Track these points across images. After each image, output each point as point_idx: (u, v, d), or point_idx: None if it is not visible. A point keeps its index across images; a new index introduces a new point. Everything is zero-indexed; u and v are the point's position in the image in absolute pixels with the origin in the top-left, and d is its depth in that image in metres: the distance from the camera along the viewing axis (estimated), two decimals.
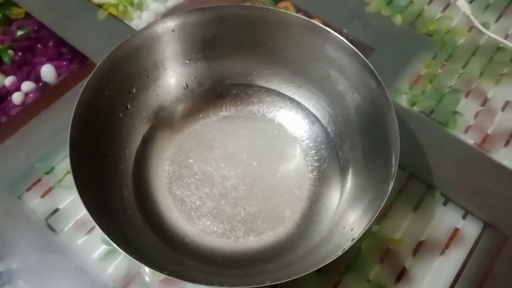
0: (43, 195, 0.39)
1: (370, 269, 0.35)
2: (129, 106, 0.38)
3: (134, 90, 0.38)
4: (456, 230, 0.37)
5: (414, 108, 0.43)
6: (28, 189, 0.39)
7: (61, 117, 0.42)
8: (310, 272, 0.28)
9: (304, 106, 0.40)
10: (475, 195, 0.38)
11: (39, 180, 0.39)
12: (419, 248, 0.36)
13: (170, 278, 0.34)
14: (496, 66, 0.46)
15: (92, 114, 0.34)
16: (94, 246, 0.36)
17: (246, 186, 0.37)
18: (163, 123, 0.39)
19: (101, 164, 0.35)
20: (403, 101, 0.43)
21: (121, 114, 0.37)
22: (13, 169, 0.40)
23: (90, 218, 0.37)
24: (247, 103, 0.41)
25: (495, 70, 0.45)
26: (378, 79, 0.34)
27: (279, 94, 0.41)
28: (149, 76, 0.38)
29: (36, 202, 0.38)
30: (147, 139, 0.38)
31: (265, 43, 0.39)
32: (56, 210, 0.38)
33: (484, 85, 0.45)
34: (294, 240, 0.35)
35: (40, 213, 0.38)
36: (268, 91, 0.41)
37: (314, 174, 0.38)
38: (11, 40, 0.47)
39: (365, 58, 0.35)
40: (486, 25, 0.48)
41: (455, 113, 0.43)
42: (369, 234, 0.37)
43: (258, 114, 0.41)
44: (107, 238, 0.28)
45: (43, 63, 0.46)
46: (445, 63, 0.46)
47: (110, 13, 0.49)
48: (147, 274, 0.35)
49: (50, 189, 0.39)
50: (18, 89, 0.44)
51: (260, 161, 0.38)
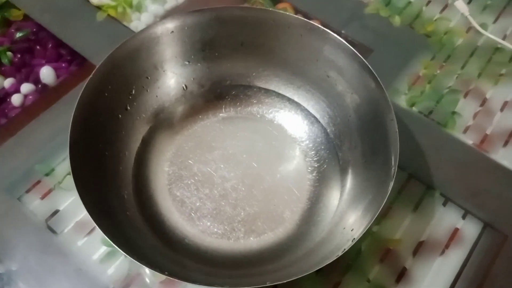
0: (43, 197, 0.39)
1: (370, 269, 0.35)
2: (128, 108, 0.38)
3: (133, 92, 0.38)
4: (456, 230, 0.37)
5: (413, 108, 0.43)
6: (27, 190, 0.39)
7: (60, 118, 0.42)
8: (310, 272, 0.28)
9: (303, 107, 0.40)
10: (475, 195, 0.39)
11: (39, 181, 0.39)
12: (419, 248, 0.36)
13: (170, 279, 0.34)
14: (494, 66, 0.46)
15: (91, 115, 0.35)
16: (94, 247, 0.36)
17: (246, 187, 0.37)
18: (163, 124, 0.39)
19: (100, 165, 0.35)
20: (402, 101, 0.43)
21: (120, 115, 0.37)
22: (12, 170, 0.40)
23: (90, 219, 0.37)
24: (247, 104, 0.41)
25: (494, 71, 0.46)
26: (377, 80, 0.34)
27: (278, 95, 0.41)
28: (148, 77, 0.38)
29: (36, 204, 0.38)
30: (147, 140, 0.38)
31: (264, 44, 0.39)
32: (56, 211, 0.38)
33: (482, 85, 0.45)
34: (294, 240, 0.35)
35: (40, 214, 0.38)
36: (267, 92, 0.41)
37: (314, 174, 0.38)
38: (10, 42, 0.47)
39: (364, 59, 0.35)
40: (484, 25, 0.48)
41: (454, 113, 0.43)
42: (369, 234, 0.37)
43: (258, 115, 0.41)
44: (108, 239, 0.28)
45: (42, 65, 0.46)
46: (443, 64, 0.46)
47: (109, 14, 0.49)
48: (148, 275, 0.35)
49: (50, 190, 0.39)
50: (18, 91, 0.44)
51: (259, 162, 0.38)
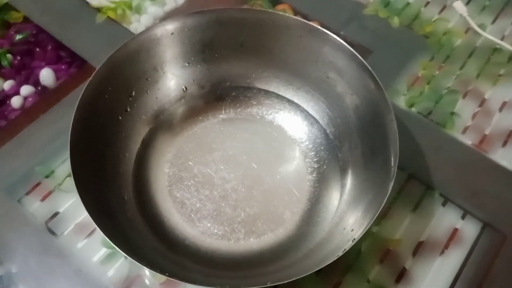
0: (43, 199, 0.39)
1: (370, 269, 0.36)
2: (128, 109, 0.38)
3: (133, 93, 0.38)
4: (455, 230, 0.37)
5: (412, 109, 0.43)
6: (27, 193, 0.39)
7: (60, 120, 0.42)
8: (311, 272, 0.28)
9: (303, 108, 0.40)
10: (474, 195, 0.39)
11: (39, 183, 0.39)
12: (419, 248, 0.37)
13: (170, 281, 0.35)
14: (493, 67, 0.46)
15: (92, 116, 0.35)
16: (94, 249, 0.36)
17: (246, 188, 0.37)
18: (163, 126, 0.40)
19: (101, 166, 0.35)
20: (401, 102, 0.44)
21: (120, 117, 0.37)
22: (12, 172, 0.40)
23: (90, 221, 0.37)
24: (246, 106, 0.41)
25: (492, 71, 0.46)
26: (377, 80, 0.34)
27: (278, 96, 0.41)
28: (148, 79, 0.39)
29: (35, 206, 0.38)
30: (147, 142, 0.38)
31: (263, 46, 0.39)
32: (56, 213, 0.38)
33: (481, 86, 0.45)
34: (295, 241, 0.35)
35: (40, 216, 0.38)
36: (267, 93, 0.41)
37: (314, 175, 0.38)
38: (10, 44, 0.47)
39: (363, 59, 0.35)
40: (482, 26, 0.49)
41: (453, 114, 0.43)
42: (369, 235, 0.37)
43: (257, 116, 0.41)
44: (108, 240, 0.28)
45: (42, 67, 0.46)
46: (442, 65, 0.46)
47: (108, 16, 0.49)
48: (148, 277, 0.35)
49: (50, 192, 0.39)
50: (17, 93, 0.44)
51: (259, 163, 0.39)
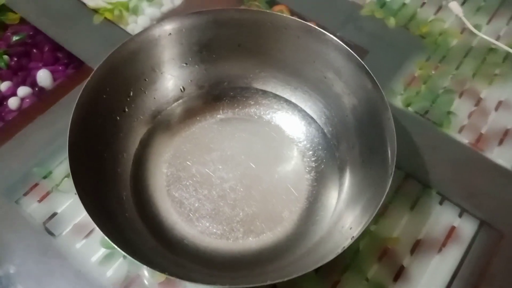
0: (41, 200, 0.38)
1: (368, 268, 0.36)
2: (126, 109, 0.38)
3: (131, 94, 0.38)
4: (452, 229, 0.38)
5: (409, 108, 0.44)
6: (25, 193, 0.39)
7: (57, 121, 0.42)
8: (310, 270, 0.28)
9: (300, 107, 0.41)
10: (471, 194, 0.39)
11: (37, 184, 0.39)
12: (417, 246, 0.37)
13: (169, 281, 0.35)
14: (488, 67, 0.46)
15: (90, 117, 0.35)
16: (93, 249, 0.36)
17: (244, 187, 0.37)
18: (161, 126, 0.40)
19: (99, 167, 0.35)
20: (398, 102, 0.44)
21: (118, 117, 0.37)
22: (9, 174, 0.40)
23: (89, 221, 0.37)
24: (244, 106, 0.41)
25: (488, 71, 0.46)
26: (374, 80, 0.34)
27: (276, 96, 0.41)
28: (146, 79, 0.39)
29: (33, 207, 0.38)
30: (145, 142, 0.39)
31: (261, 46, 0.40)
32: (54, 214, 0.38)
33: (477, 85, 0.45)
34: (293, 240, 0.35)
35: (38, 217, 0.37)
36: (264, 94, 0.41)
37: (312, 174, 0.38)
38: (7, 45, 0.47)
39: (360, 59, 0.36)
40: (478, 26, 0.49)
41: (450, 113, 0.43)
42: (367, 233, 0.37)
43: (255, 116, 0.41)
44: (108, 239, 0.28)
45: (39, 68, 0.46)
46: (438, 65, 0.47)
47: (105, 18, 0.49)
48: (146, 277, 0.35)
49: (48, 193, 0.39)
50: (14, 94, 0.44)
51: (258, 162, 0.39)
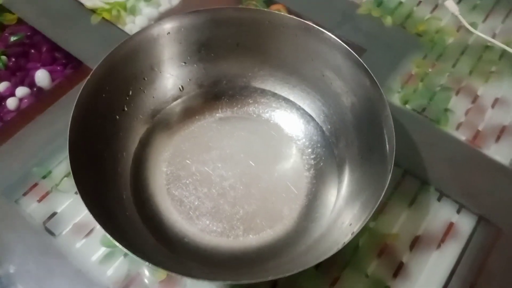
0: (40, 199, 0.38)
1: (368, 264, 0.36)
2: (126, 109, 0.38)
3: (130, 93, 0.38)
4: (451, 225, 0.38)
5: (407, 106, 0.44)
6: (24, 193, 0.39)
7: (57, 121, 0.42)
8: (311, 266, 0.28)
9: (299, 106, 0.41)
10: (469, 190, 0.39)
11: (36, 184, 0.39)
12: (416, 242, 0.37)
13: (169, 279, 0.35)
14: (484, 64, 0.47)
15: (90, 116, 0.35)
16: (93, 249, 0.36)
17: (244, 185, 0.37)
18: (160, 125, 0.40)
19: (99, 166, 0.35)
20: (396, 99, 0.44)
21: (118, 117, 0.37)
22: (9, 174, 0.40)
23: (89, 221, 0.37)
24: (243, 104, 0.41)
25: (484, 69, 0.47)
26: (372, 77, 0.35)
27: (274, 94, 0.41)
28: (145, 78, 0.39)
29: (33, 207, 0.38)
30: (145, 141, 0.39)
31: (259, 45, 0.40)
32: (53, 214, 0.38)
33: (473, 83, 0.46)
34: (293, 237, 0.35)
35: (37, 217, 0.37)
36: (263, 92, 0.41)
37: (311, 172, 0.38)
38: (4, 46, 0.47)
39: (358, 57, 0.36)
40: (474, 25, 0.49)
41: (447, 110, 0.44)
42: (366, 230, 0.37)
43: (254, 115, 0.41)
44: (110, 237, 0.28)
45: (37, 68, 0.46)
46: (435, 63, 0.47)
47: (103, 18, 0.49)
48: (147, 275, 0.35)
49: (47, 193, 0.39)
50: (13, 94, 0.44)
51: (257, 161, 0.39)
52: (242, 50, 0.40)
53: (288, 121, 0.41)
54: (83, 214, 0.38)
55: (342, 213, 0.34)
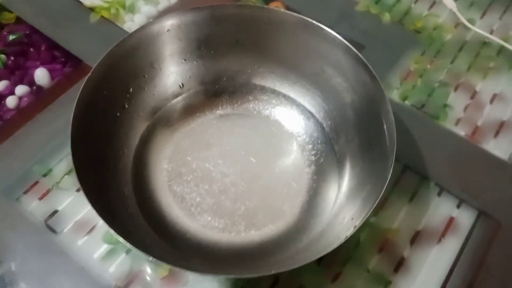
0: (41, 197, 0.38)
1: (369, 259, 0.36)
2: (126, 106, 0.38)
3: (131, 90, 0.38)
4: (451, 219, 0.38)
5: (406, 102, 0.44)
6: (25, 192, 0.39)
7: (57, 119, 0.42)
8: (314, 259, 0.29)
9: (299, 102, 0.41)
10: (469, 185, 0.39)
11: (37, 182, 0.39)
12: (416, 237, 0.37)
13: (172, 275, 0.35)
14: (483, 60, 0.47)
15: (91, 113, 0.35)
16: (94, 246, 0.36)
17: (245, 182, 0.38)
18: (161, 122, 0.40)
19: (100, 163, 0.35)
20: (395, 96, 0.44)
21: (119, 114, 0.37)
22: (9, 172, 0.39)
23: (90, 218, 0.37)
24: (243, 101, 0.41)
25: (482, 64, 0.47)
26: (372, 72, 0.35)
27: (274, 91, 0.42)
28: (145, 75, 0.39)
29: (34, 205, 0.38)
30: (145, 138, 0.39)
31: (259, 41, 0.40)
32: (55, 212, 0.38)
33: (472, 79, 0.46)
34: (295, 232, 0.35)
35: (39, 215, 0.37)
36: (263, 89, 0.42)
37: (312, 168, 0.38)
38: (3, 44, 0.47)
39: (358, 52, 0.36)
40: (471, 21, 0.50)
41: (446, 106, 0.44)
42: (367, 225, 0.37)
43: (254, 112, 0.41)
44: (114, 233, 0.28)
45: (37, 67, 0.45)
46: (433, 59, 0.47)
47: (102, 16, 0.49)
48: (149, 272, 0.35)
49: (48, 191, 0.39)
50: (12, 93, 0.44)
51: (258, 157, 0.39)
52: (242, 47, 0.40)
53: (288, 117, 0.41)
54: (84, 211, 0.38)
55: (343, 208, 0.35)
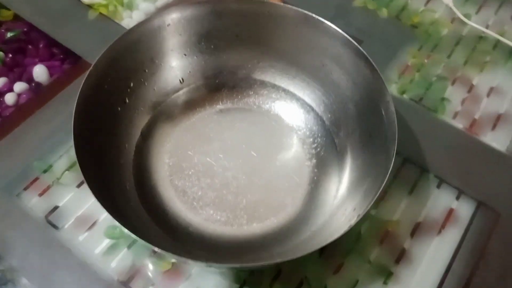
0: (42, 193, 0.38)
1: (371, 251, 0.36)
2: (127, 101, 0.38)
3: (132, 85, 0.38)
4: (451, 211, 0.38)
5: (404, 96, 0.44)
6: (25, 188, 0.38)
7: (56, 116, 0.42)
8: (317, 249, 0.29)
9: (299, 96, 0.41)
10: (468, 176, 0.40)
11: (37, 179, 0.39)
12: (417, 229, 0.37)
13: (174, 269, 0.35)
14: (479, 54, 0.48)
15: (92, 108, 0.35)
16: (96, 241, 0.36)
17: (247, 175, 0.38)
18: (161, 117, 0.40)
19: (102, 158, 0.35)
20: (393, 90, 0.45)
21: (120, 108, 0.37)
22: (9, 169, 0.39)
23: (91, 214, 0.37)
24: (243, 96, 0.42)
25: (479, 59, 0.47)
26: (372, 63, 0.35)
27: (274, 86, 0.42)
28: (146, 70, 0.39)
29: (34, 201, 0.38)
30: (146, 133, 0.39)
31: (259, 36, 0.40)
32: (55, 208, 0.38)
33: (469, 73, 0.46)
34: (297, 225, 0.35)
35: (39, 211, 0.37)
36: (263, 83, 0.42)
37: (313, 161, 0.38)
38: (1, 42, 0.47)
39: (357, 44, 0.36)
40: (467, 16, 0.50)
41: (444, 99, 0.44)
42: (368, 217, 0.38)
43: (254, 106, 0.41)
44: (119, 223, 0.28)
45: (35, 64, 0.45)
46: (430, 53, 0.48)
47: (100, 13, 0.49)
48: (151, 266, 0.35)
49: (49, 187, 0.39)
50: (11, 90, 0.44)
51: (258, 151, 0.39)
52: (241, 42, 0.40)
53: (288, 111, 0.41)
54: (86, 207, 0.38)
55: (345, 199, 0.35)
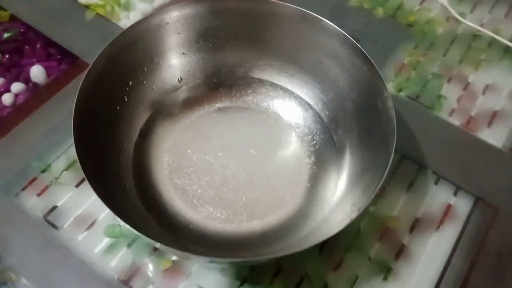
0: (40, 193, 0.38)
1: (370, 247, 0.36)
2: (126, 99, 0.38)
3: (130, 83, 0.38)
4: (449, 206, 0.39)
5: (401, 93, 0.45)
6: (24, 188, 0.38)
7: (54, 116, 0.42)
8: (317, 243, 0.29)
9: (297, 94, 0.41)
10: (465, 172, 0.40)
11: (35, 178, 0.39)
12: (416, 225, 0.38)
13: (174, 267, 0.35)
14: (474, 52, 0.48)
15: (92, 107, 0.34)
16: (95, 241, 0.36)
17: (246, 173, 0.38)
18: (160, 116, 0.40)
19: (101, 156, 0.35)
20: (390, 87, 0.45)
21: (119, 107, 0.37)
22: (7, 169, 0.39)
23: (90, 213, 0.37)
24: (242, 94, 0.42)
25: (474, 56, 0.48)
26: (370, 60, 0.35)
27: (272, 84, 0.42)
28: (144, 69, 0.39)
29: (32, 201, 0.38)
30: (145, 132, 0.39)
31: (257, 34, 0.40)
32: (54, 207, 0.37)
33: (464, 70, 0.47)
34: (297, 221, 0.35)
35: (38, 211, 0.37)
36: (261, 82, 0.42)
37: (312, 158, 0.39)
38: None
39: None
40: (462, 15, 0.51)
41: (440, 96, 0.45)
42: (367, 214, 0.38)
43: (253, 104, 0.42)
44: (122, 220, 0.28)
45: (32, 64, 0.45)
46: (426, 52, 0.48)
47: (97, 13, 0.49)
48: (151, 264, 0.35)
49: (47, 187, 0.39)
50: (8, 90, 0.44)
51: (258, 149, 0.39)
52: (240, 40, 0.40)
53: (287, 109, 0.41)
54: (84, 206, 0.38)
55: (344, 196, 0.35)
